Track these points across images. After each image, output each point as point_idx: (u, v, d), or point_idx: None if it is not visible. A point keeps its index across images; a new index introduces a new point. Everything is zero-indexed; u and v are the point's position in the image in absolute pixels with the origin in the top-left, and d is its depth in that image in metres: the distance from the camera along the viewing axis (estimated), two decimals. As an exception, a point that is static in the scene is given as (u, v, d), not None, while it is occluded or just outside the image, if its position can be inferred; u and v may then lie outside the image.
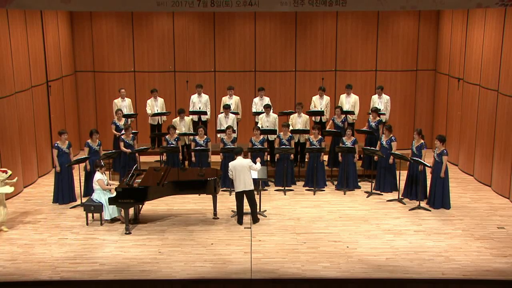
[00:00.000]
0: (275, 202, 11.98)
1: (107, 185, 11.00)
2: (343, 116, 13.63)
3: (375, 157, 12.48)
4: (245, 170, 10.60)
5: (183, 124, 13.41)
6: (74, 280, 8.69)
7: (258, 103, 14.02)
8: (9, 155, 12.14)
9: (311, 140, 12.76)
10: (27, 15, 12.95)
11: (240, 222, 10.81)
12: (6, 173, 10.53)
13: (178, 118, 13.48)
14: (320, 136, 12.73)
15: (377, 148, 12.46)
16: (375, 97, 14.25)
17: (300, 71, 15.95)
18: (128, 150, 12.71)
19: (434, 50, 15.84)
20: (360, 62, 15.92)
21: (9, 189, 10.50)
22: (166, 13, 15.57)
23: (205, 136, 12.79)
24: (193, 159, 12.76)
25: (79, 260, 9.30)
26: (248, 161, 10.82)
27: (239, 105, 14.33)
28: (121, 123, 13.50)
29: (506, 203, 11.87)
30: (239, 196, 10.72)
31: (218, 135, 13.42)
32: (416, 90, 16.14)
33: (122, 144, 12.73)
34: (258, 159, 11.35)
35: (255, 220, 10.84)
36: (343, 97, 14.28)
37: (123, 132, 13.03)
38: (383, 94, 14.15)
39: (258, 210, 11.08)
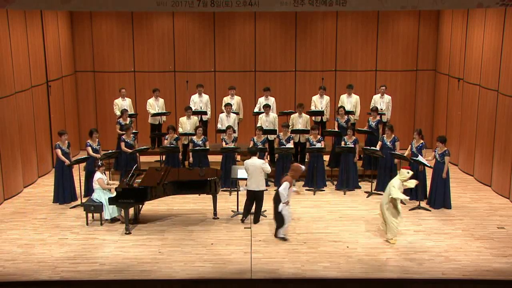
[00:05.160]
0: (275, 202, 11.98)
1: (107, 184, 11.00)
2: (346, 116, 13.62)
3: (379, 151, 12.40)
4: (257, 171, 10.62)
5: (189, 123, 13.38)
6: (74, 280, 8.70)
7: (262, 103, 13.96)
8: (9, 155, 12.14)
9: (310, 140, 12.76)
10: (27, 15, 12.95)
11: (243, 220, 10.87)
12: (409, 173, 9.92)
13: (185, 117, 13.45)
14: (319, 136, 12.73)
15: (378, 148, 12.45)
16: (376, 97, 14.25)
17: (300, 71, 15.95)
18: (129, 150, 12.67)
19: (434, 50, 15.84)
20: (360, 62, 15.92)
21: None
22: (166, 13, 15.56)
23: (203, 136, 12.78)
24: (190, 159, 12.74)
25: (79, 260, 9.30)
26: (262, 161, 10.84)
27: (240, 105, 14.33)
28: (127, 122, 13.47)
29: (506, 203, 11.87)
30: (250, 194, 10.78)
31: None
32: (416, 90, 16.14)
33: (123, 144, 12.71)
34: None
35: (256, 220, 10.85)
36: (344, 97, 14.27)
37: (123, 132, 13.01)
38: (385, 94, 14.15)
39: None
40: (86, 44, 15.71)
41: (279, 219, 9.96)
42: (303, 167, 10.45)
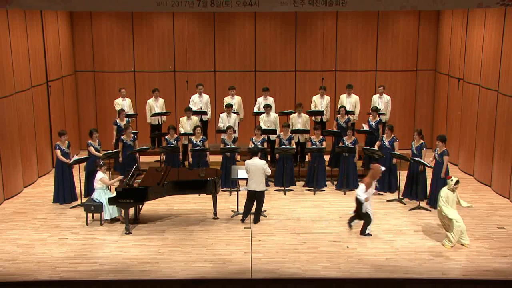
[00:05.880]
0: (275, 202, 11.98)
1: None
2: (346, 116, 13.62)
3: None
4: (259, 171, 10.62)
5: (189, 123, 13.38)
6: (74, 280, 8.70)
7: (262, 103, 13.98)
8: (9, 155, 12.14)
9: (312, 140, 12.75)
10: (27, 15, 12.95)
11: (243, 220, 10.88)
12: (452, 180, 9.83)
13: (185, 117, 13.45)
14: (321, 136, 12.72)
15: (376, 148, 12.45)
16: (375, 97, 14.25)
17: (300, 71, 15.95)
18: (120, 160, 12.57)
19: (434, 50, 15.84)
20: (360, 62, 15.92)
21: None
22: (166, 13, 15.57)
23: (201, 136, 12.78)
24: (190, 159, 12.74)
25: (79, 260, 9.30)
26: (264, 162, 10.84)
27: (241, 105, 14.34)
28: (124, 123, 13.47)
29: (506, 203, 11.87)
30: (250, 194, 10.79)
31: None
32: (416, 90, 16.14)
33: (121, 145, 12.68)
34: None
35: (256, 220, 10.85)
36: (343, 97, 14.27)
37: (121, 134, 12.99)
38: (384, 94, 14.15)
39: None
40: (86, 44, 15.71)
41: (366, 218, 10.17)
42: (383, 167, 10.55)
